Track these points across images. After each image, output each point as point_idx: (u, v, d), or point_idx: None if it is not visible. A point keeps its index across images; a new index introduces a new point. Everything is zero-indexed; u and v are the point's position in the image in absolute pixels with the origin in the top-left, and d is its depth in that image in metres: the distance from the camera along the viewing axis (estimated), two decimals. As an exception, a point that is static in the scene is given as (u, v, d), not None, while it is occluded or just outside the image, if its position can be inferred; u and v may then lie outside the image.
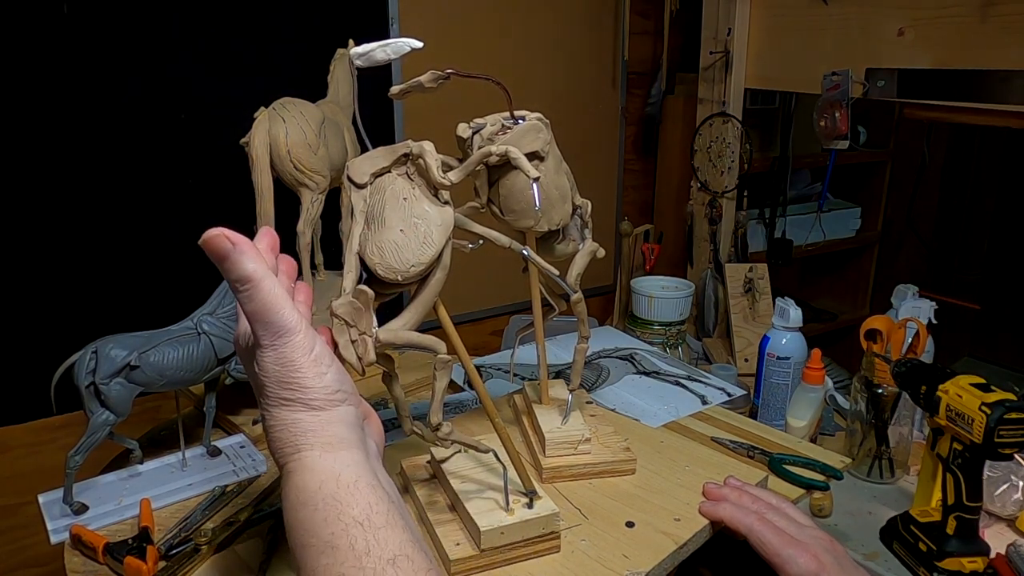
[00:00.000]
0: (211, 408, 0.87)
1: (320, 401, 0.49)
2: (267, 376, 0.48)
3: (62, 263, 1.34)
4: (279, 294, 0.47)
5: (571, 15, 1.89)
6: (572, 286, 0.75)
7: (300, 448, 0.48)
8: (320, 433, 0.49)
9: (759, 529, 0.69)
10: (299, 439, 0.48)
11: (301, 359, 0.48)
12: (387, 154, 0.60)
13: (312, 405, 0.49)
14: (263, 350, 0.48)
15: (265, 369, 0.48)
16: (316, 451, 0.48)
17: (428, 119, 1.65)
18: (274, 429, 0.49)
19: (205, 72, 1.42)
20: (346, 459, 0.49)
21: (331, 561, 0.44)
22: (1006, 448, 0.72)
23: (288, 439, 0.48)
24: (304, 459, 0.48)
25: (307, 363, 0.48)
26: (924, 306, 1.23)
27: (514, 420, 0.90)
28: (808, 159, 2.06)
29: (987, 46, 1.16)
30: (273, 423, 0.49)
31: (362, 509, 0.46)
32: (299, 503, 0.47)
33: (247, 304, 0.47)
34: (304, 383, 0.48)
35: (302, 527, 0.46)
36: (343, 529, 0.45)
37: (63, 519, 0.76)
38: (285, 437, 0.48)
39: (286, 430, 0.48)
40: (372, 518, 0.46)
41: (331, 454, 0.48)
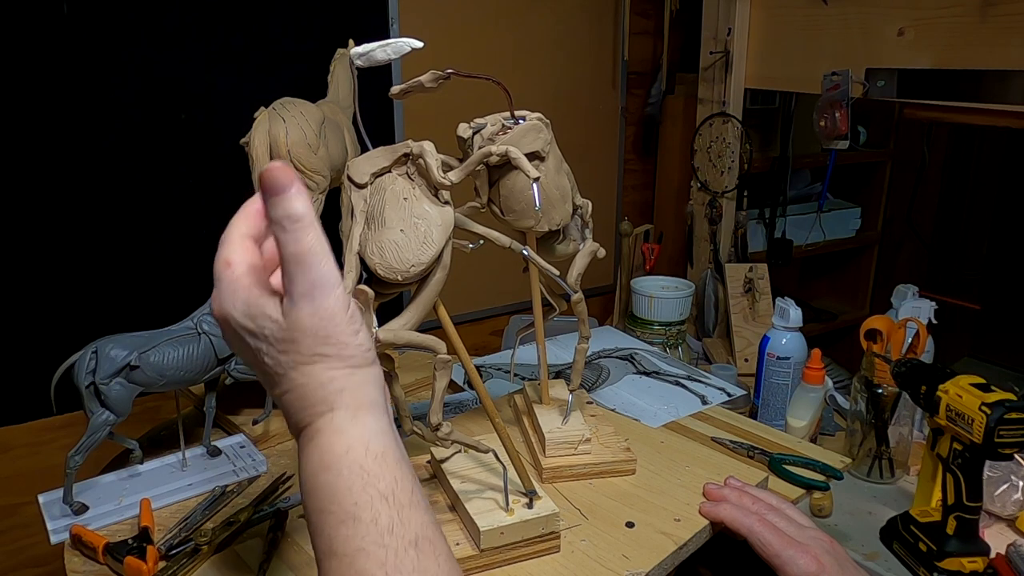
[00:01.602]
0: (211, 408, 0.87)
1: (357, 359, 0.46)
2: (301, 331, 0.44)
3: (62, 263, 1.34)
4: (324, 245, 0.45)
5: (571, 15, 1.89)
6: (572, 286, 0.75)
7: (334, 407, 0.45)
8: (354, 393, 0.46)
9: (759, 530, 0.69)
10: (333, 397, 0.45)
11: (341, 314, 0.45)
12: (387, 154, 0.60)
13: (349, 362, 0.46)
14: (300, 302, 0.44)
15: (300, 323, 0.44)
16: (348, 412, 0.46)
17: (428, 119, 1.65)
18: (305, 387, 0.45)
19: (205, 72, 1.42)
20: (374, 426, 0.46)
21: (352, 533, 0.43)
22: (1006, 448, 0.72)
23: (321, 397, 0.45)
24: (335, 419, 0.45)
25: (345, 319, 0.46)
26: (924, 306, 1.23)
27: (514, 420, 0.90)
28: (808, 159, 2.06)
29: (987, 46, 1.16)
30: (304, 380, 0.45)
31: (388, 483, 0.44)
32: (322, 466, 0.44)
33: (292, 246, 0.43)
34: (343, 338, 0.45)
35: (323, 491, 0.44)
36: (368, 501, 0.43)
37: (63, 519, 0.76)
38: (317, 395, 0.45)
39: (321, 388, 0.45)
40: (397, 494, 0.44)
41: (361, 418, 0.46)
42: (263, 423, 0.93)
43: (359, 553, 0.42)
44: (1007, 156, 2.46)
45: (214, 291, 0.46)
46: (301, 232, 0.43)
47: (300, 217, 0.43)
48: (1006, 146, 2.44)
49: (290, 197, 0.43)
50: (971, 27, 1.18)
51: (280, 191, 0.43)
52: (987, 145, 2.48)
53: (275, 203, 0.43)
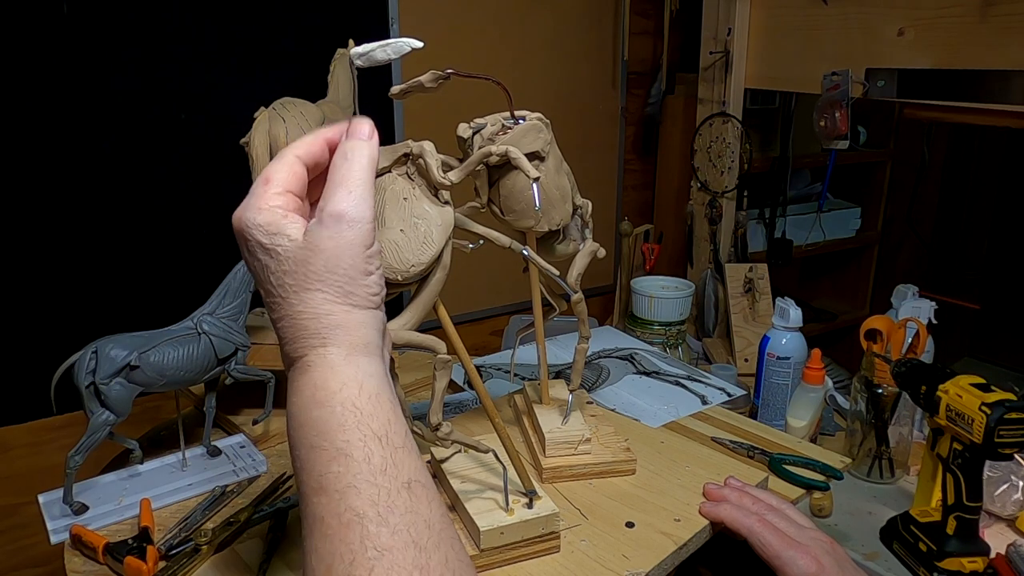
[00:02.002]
0: (211, 408, 0.87)
1: (360, 297, 0.46)
2: (315, 251, 0.44)
3: (62, 263, 1.34)
4: (372, 185, 0.46)
5: (571, 15, 1.89)
6: (572, 286, 0.75)
7: (327, 342, 0.45)
8: (351, 331, 0.45)
9: (759, 530, 0.69)
10: (328, 332, 0.45)
11: (360, 249, 0.45)
12: (387, 154, 0.60)
13: (351, 299, 0.45)
14: (327, 221, 0.44)
15: (317, 243, 0.44)
16: (343, 349, 0.45)
17: (428, 119, 1.65)
18: (300, 316, 0.45)
19: (205, 72, 1.42)
20: (369, 368, 0.45)
21: (343, 470, 0.41)
22: (1006, 448, 0.72)
23: (315, 329, 0.45)
24: (329, 355, 0.44)
25: (363, 254, 0.45)
26: (924, 306, 1.23)
27: (514, 420, 0.90)
28: (808, 159, 2.06)
29: (987, 46, 1.16)
30: (301, 308, 0.45)
31: (381, 424, 0.43)
32: (314, 401, 0.43)
33: (344, 169, 0.46)
34: (352, 272, 0.45)
35: (314, 427, 0.43)
36: (360, 439, 0.42)
37: (63, 519, 0.76)
38: (311, 327, 0.45)
39: (317, 320, 0.45)
40: (391, 436, 0.43)
41: (356, 358, 0.45)
42: (263, 423, 0.93)
43: (349, 490, 0.41)
44: (1007, 156, 2.46)
45: (242, 203, 0.46)
46: (358, 160, 0.46)
47: (363, 155, 0.46)
48: (1006, 146, 2.44)
49: (363, 142, 0.47)
50: (971, 27, 1.18)
51: (360, 136, 0.47)
52: (987, 145, 2.48)
53: (349, 142, 0.47)
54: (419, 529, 0.41)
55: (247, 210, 0.46)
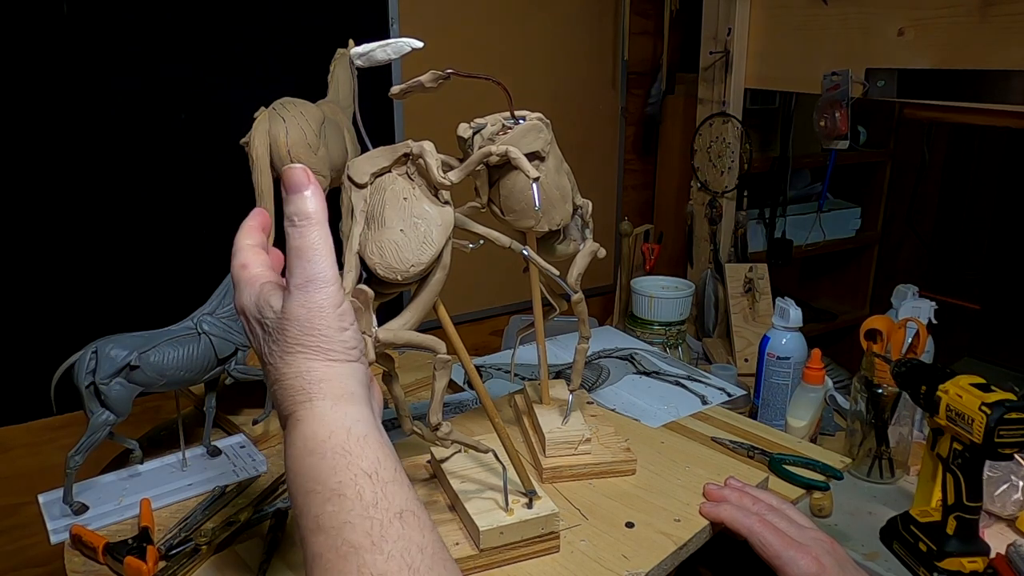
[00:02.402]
0: (211, 408, 0.87)
1: (338, 353, 0.49)
2: (290, 319, 0.48)
3: (62, 263, 1.34)
4: (327, 244, 0.49)
5: (571, 15, 1.89)
6: (572, 286, 0.75)
7: (312, 397, 0.48)
8: (334, 384, 0.48)
9: (760, 531, 0.69)
10: (312, 387, 0.48)
11: (329, 308, 0.49)
12: (387, 154, 0.60)
13: (330, 355, 0.49)
14: (295, 292, 0.48)
15: (290, 312, 0.48)
16: (328, 401, 0.48)
17: (428, 119, 1.65)
18: (286, 377, 0.48)
19: (205, 72, 1.42)
20: (355, 414, 0.48)
21: (337, 508, 0.44)
22: (1006, 448, 0.72)
23: (300, 386, 0.48)
24: (315, 408, 0.48)
25: (334, 314, 0.49)
26: (924, 306, 1.23)
27: (514, 420, 0.90)
28: (808, 159, 2.06)
29: (987, 46, 1.16)
30: (286, 370, 0.48)
31: (371, 462, 0.46)
32: (306, 451, 0.46)
33: (297, 240, 0.49)
34: (327, 332, 0.48)
35: (308, 474, 0.46)
36: (351, 479, 0.45)
37: (63, 519, 0.76)
38: (297, 384, 0.48)
39: (300, 377, 0.48)
40: (380, 472, 0.46)
41: (342, 407, 0.48)
42: (263, 423, 0.93)
43: (345, 526, 0.44)
44: (1007, 156, 2.46)
45: (235, 291, 0.52)
46: (307, 228, 0.49)
47: (309, 215, 0.49)
48: (1006, 146, 2.44)
49: (305, 196, 0.49)
50: (971, 27, 1.18)
51: (297, 189, 0.49)
52: (987, 145, 2.48)
53: (291, 199, 0.49)
54: (412, 554, 0.44)
55: (240, 294, 0.51)
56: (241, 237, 0.54)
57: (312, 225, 0.49)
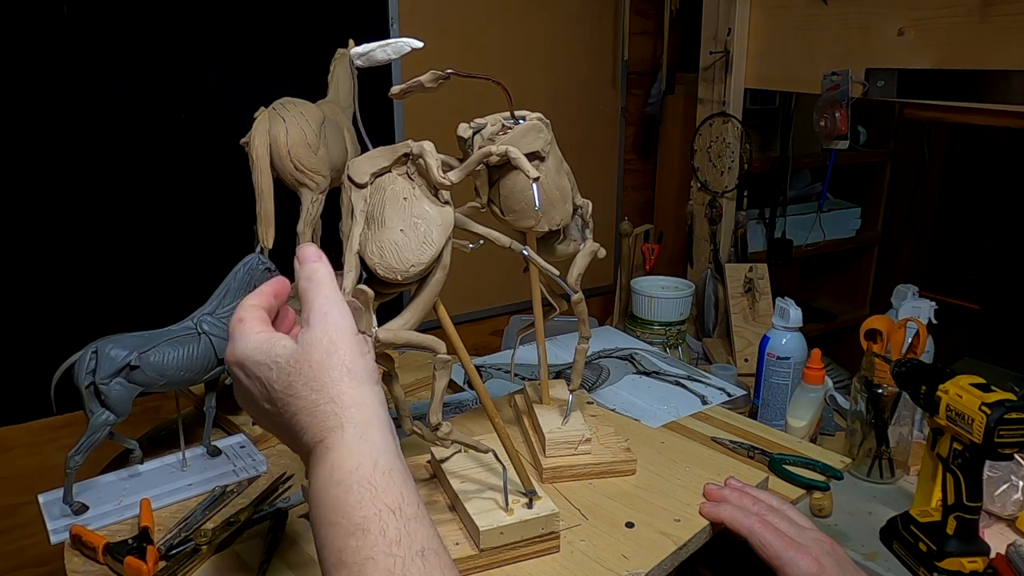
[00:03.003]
0: (211, 408, 0.87)
1: (363, 373, 0.50)
2: (313, 346, 0.49)
3: (62, 263, 1.34)
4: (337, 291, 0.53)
5: (571, 15, 1.89)
6: (572, 286, 0.75)
7: (344, 423, 0.48)
8: (363, 409, 0.49)
9: (760, 531, 0.69)
10: (343, 412, 0.49)
11: (349, 332, 0.51)
12: (387, 154, 0.60)
13: (356, 376, 0.50)
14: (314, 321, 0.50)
15: (312, 339, 0.50)
16: (358, 429, 0.48)
17: (428, 119, 1.65)
18: (317, 404, 0.49)
19: (205, 72, 1.42)
20: (382, 444, 0.49)
21: (360, 544, 0.44)
22: (1006, 448, 0.72)
23: (333, 411, 0.49)
24: (346, 435, 0.48)
25: (354, 338, 0.51)
26: (924, 306, 1.23)
27: (514, 420, 0.90)
28: (808, 159, 2.06)
29: (987, 46, 1.16)
30: (316, 397, 0.49)
31: (395, 498, 0.46)
32: (332, 481, 0.47)
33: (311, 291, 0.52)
34: (352, 352, 0.50)
35: (332, 506, 0.46)
36: (376, 514, 0.45)
37: (63, 519, 0.76)
38: (329, 410, 0.49)
39: (332, 402, 0.49)
40: (404, 508, 0.46)
41: (370, 435, 0.49)
42: (263, 423, 0.93)
43: (367, 562, 0.44)
44: (1007, 156, 2.46)
45: (228, 345, 0.52)
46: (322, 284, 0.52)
47: (322, 277, 0.53)
48: (1006, 146, 2.44)
49: (316, 265, 0.53)
50: (971, 27, 1.18)
51: (309, 260, 0.53)
52: (987, 145, 2.48)
53: (304, 267, 0.53)
54: None
55: (235, 345, 0.52)
56: (248, 298, 0.55)
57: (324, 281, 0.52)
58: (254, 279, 0.85)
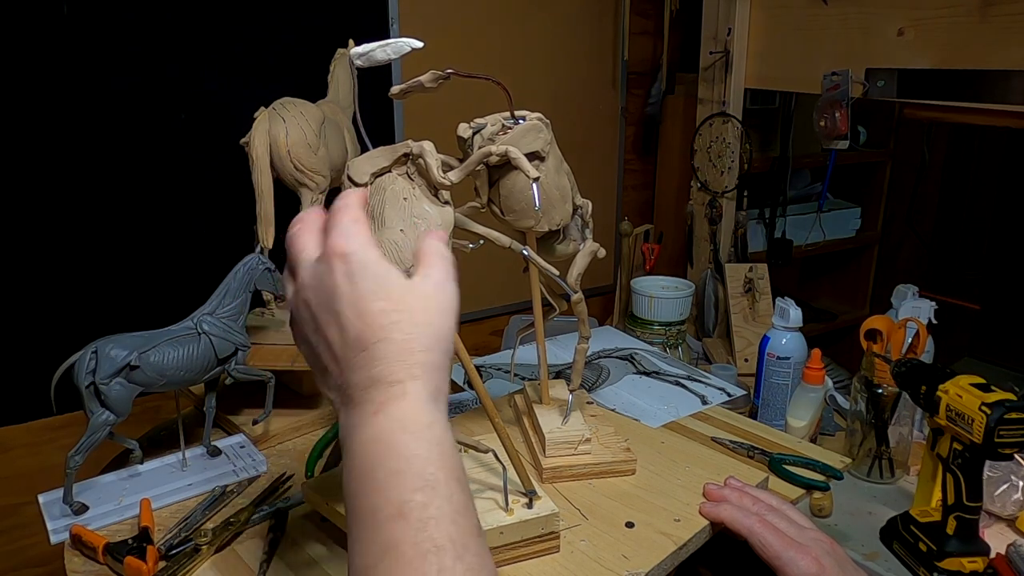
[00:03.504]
0: (211, 408, 0.87)
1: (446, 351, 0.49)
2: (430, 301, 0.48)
3: (62, 263, 1.34)
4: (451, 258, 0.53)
5: (571, 15, 1.89)
6: (572, 286, 0.75)
7: (421, 377, 0.45)
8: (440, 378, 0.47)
9: (760, 531, 0.69)
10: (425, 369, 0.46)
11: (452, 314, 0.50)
12: (387, 154, 0.60)
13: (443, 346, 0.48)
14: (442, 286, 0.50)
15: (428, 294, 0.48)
16: (432, 393, 0.46)
17: (428, 119, 1.64)
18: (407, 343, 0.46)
19: (205, 72, 1.42)
20: (445, 422, 0.46)
21: (427, 501, 0.41)
22: (1006, 448, 0.72)
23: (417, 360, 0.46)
24: (424, 391, 0.45)
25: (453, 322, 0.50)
26: (924, 306, 1.23)
27: (514, 420, 0.90)
28: (808, 159, 2.06)
29: (987, 46, 1.16)
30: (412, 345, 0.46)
31: (460, 472, 0.44)
32: (403, 428, 0.43)
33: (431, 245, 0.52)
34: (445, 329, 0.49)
35: (400, 452, 0.43)
36: (445, 478, 0.42)
37: (63, 519, 0.76)
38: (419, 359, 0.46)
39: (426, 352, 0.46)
40: (463, 481, 0.44)
41: (441, 404, 0.46)
42: (263, 423, 0.93)
43: (431, 521, 0.41)
44: (1007, 156, 2.46)
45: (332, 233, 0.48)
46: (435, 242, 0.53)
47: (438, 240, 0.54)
48: (1006, 146, 2.44)
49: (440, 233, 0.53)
50: (971, 27, 1.18)
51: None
52: (987, 145, 2.48)
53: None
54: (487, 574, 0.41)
55: (348, 235, 0.47)
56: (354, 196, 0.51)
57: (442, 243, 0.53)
58: (254, 279, 0.85)
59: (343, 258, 0.46)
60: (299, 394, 1.03)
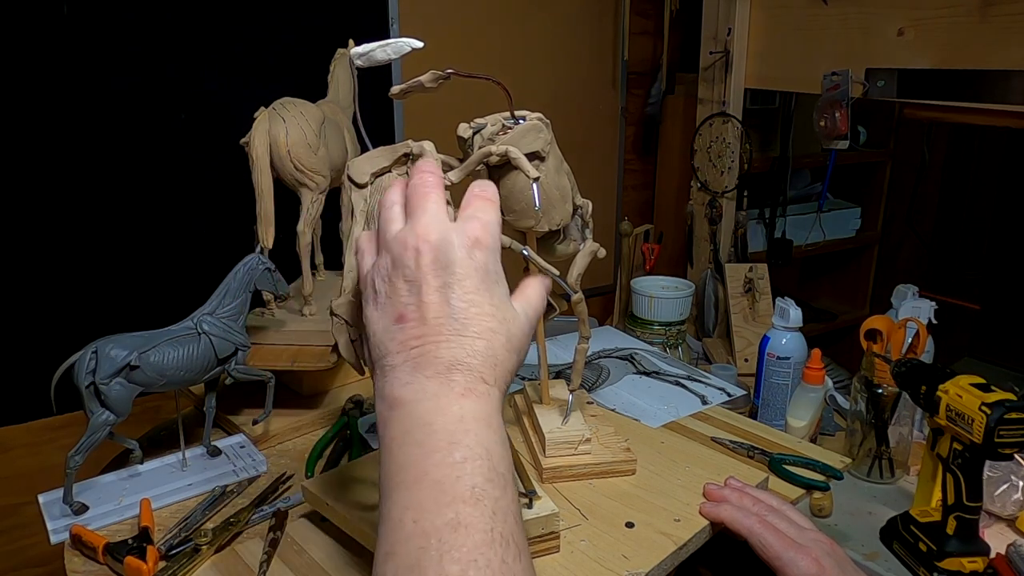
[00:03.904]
0: (211, 408, 0.87)
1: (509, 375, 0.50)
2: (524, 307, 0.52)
3: (62, 263, 1.34)
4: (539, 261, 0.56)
5: (571, 15, 1.89)
6: (572, 286, 0.75)
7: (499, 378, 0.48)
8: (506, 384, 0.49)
9: (760, 531, 0.69)
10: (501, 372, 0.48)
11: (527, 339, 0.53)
12: (387, 154, 0.60)
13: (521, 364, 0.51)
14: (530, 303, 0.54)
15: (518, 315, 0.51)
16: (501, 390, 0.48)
17: (428, 119, 1.65)
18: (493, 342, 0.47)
19: (205, 72, 1.42)
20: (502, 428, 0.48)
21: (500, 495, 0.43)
22: (1006, 448, 0.72)
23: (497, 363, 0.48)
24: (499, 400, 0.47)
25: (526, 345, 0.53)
26: (924, 306, 1.23)
27: (514, 420, 0.90)
28: (808, 159, 2.06)
29: (987, 46, 1.16)
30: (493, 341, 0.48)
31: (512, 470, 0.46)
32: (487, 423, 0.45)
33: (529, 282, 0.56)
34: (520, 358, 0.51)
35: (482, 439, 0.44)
36: (513, 481, 0.45)
37: (63, 519, 0.76)
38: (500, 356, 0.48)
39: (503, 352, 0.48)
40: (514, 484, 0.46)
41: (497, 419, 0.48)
42: (263, 423, 0.93)
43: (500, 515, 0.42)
44: (1007, 156, 2.46)
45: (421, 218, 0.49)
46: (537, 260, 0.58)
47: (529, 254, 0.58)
48: (1006, 146, 2.44)
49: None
50: (971, 27, 1.18)
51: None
52: (987, 145, 2.48)
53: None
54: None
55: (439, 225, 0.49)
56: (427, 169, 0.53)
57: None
58: (254, 279, 0.85)
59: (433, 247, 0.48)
60: (299, 394, 1.03)
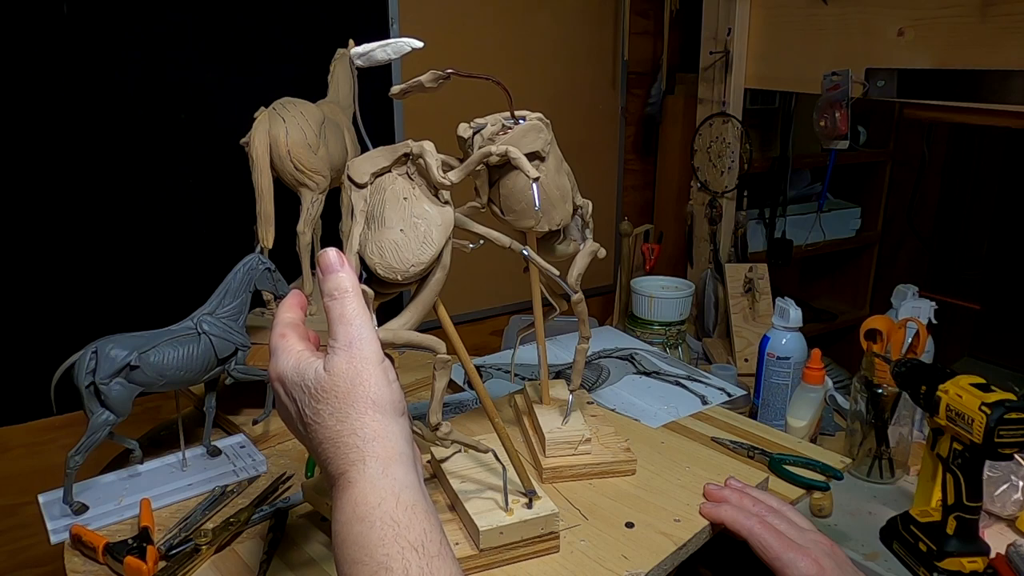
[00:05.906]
0: (211, 408, 0.87)
1: (388, 404, 0.50)
2: (337, 375, 0.50)
3: (62, 263, 1.34)
4: (364, 312, 0.53)
5: (571, 15, 1.89)
6: (572, 286, 0.75)
7: (365, 457, 0.48)
8: (385, 443, 0.49)
9: (760, 532, 0.69)
10: (365, 446, 0.49)
11: (374, 361, 0.51)
12: (387, 154, 0.60)
13: (380, 409, 0.50)
14: (339, 351, 0.50)
15: (336, 368, 0.50)
16: (379, 464, 0.49)
17: (428, 119, 1.65)
18: (341, 435, 0.49)
19: (205, 72, 1.42)
20: (404, 479, 0.49)
21: None
22: (1006, 448, 0.73)
23: (355, 444, 0.49)
24: (367, 470, 0.48)
25: (379, 368, 0.51)
26: (924, 306, 1.23)
27: (514, 420, 0.90)
28: (808, 159, 2.06)
29: (987, 46, 1.16)
30: (340, 428, 0.49)
31: (418, 535, 0.47)
32: (356, 517, 0.47)
33: (338, 310, 0.52)
34: (375, 384, 0.50)
35: (356, 543, 0.46)
36: (399, 552, 0.45)
37: (63, 519, 0.76)
38: (351, 443, 0.49)
39: (354, 435, 0.49)
40: (427, 545, 0.46)
41: (392, 470, 0.49)
42: (263, 423, 0.93)
43: None
44: (1007, 156, 2.46)
45: (271, 360, 0.54)
46: (346, 300, 0.52)
47: (346, 290, 0.52)
48: (1006, 146, 2.44)
49: (340, 276, 0.53)
50: (971, 27, 1.18)
51: (332, 270, 0.53)
52: (987, 145, 2.48)
53: (328, 279, 0.53)
54: None
55: (279, 362, 0.53)
56: (282, 311, 0.57)
57: (349, 297, 0.52)
58: (254, 279, 0.85)
59: (280, 382, 0.53)
60: (299, 394, 1.03)
